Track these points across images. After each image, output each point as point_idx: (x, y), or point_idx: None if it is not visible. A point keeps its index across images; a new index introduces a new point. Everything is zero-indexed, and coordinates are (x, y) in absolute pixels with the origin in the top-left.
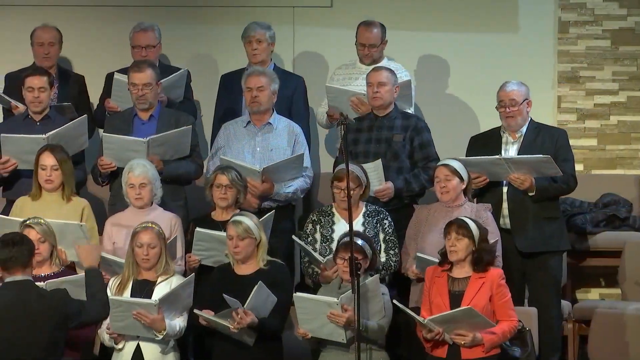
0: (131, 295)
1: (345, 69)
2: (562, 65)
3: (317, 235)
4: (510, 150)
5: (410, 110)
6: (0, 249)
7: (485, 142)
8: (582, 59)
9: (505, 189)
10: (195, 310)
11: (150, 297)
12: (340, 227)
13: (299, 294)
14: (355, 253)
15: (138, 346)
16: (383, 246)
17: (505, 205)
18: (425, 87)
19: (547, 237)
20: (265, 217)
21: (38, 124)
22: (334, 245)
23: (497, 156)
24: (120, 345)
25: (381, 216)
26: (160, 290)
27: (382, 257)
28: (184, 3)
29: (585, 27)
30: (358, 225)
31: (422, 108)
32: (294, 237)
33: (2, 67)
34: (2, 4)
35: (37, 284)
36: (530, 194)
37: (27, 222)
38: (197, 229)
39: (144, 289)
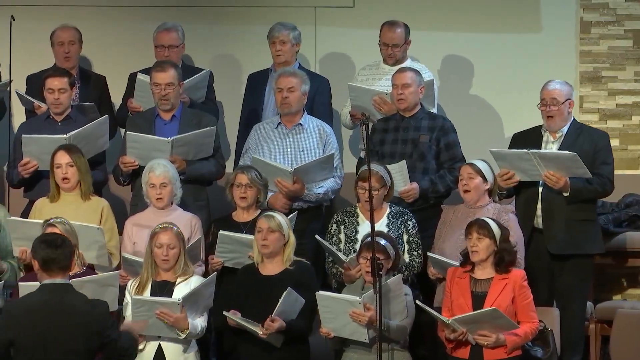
0: (151, 296)
1: (368, 69)
2: (584, 65)
3: (342, 236)
4: (550, 150)
5: (433, 111)
6: (44, 248)
7: (527, 140)
8: (604, 59)
9: (540, 189)
10: (225, 313)
11: (170, 298)
12: (365, 227)
13: (321, 292)
14: (377, 253)
15: (159, 346)
16: (407, 247)
17: (539, 205)
18: (448, 87)
19: (579, 240)
20: (289, 217)
21: (59, 124)
22: (358, 246)
23: (525, 150)
24: (141, 346)
25: (405, 217)
26: (180, 291)
27: (406, 258)
28: (205, 3)
29: (607, 27)
30: (382, 226)
31: (445, 108)
32: (317, 236)
33: (24, 69)
34: (23, 4)
35: None
36: (565, 194)
37: (50, 221)
38: (221, 231)
39: (163, 289)
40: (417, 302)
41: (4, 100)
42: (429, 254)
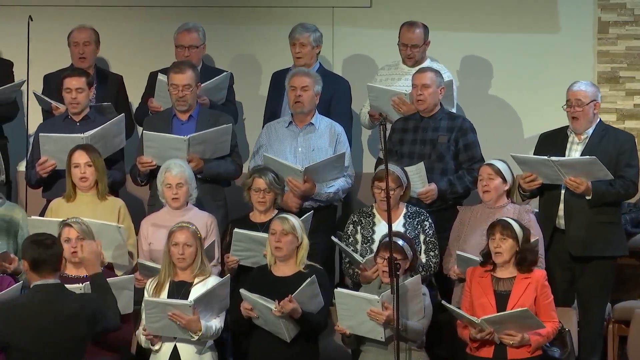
0: (168, 297)
1: (388, 69)
2: (601, 65)
3: (358, 236)
4: (575, 151)
5: (452, 111)
6: (34, 249)
7: (553, 141)
8: (621, 59)
9: (563, 191)
10: (241, 290)
11: (187, 298)
12: (381, 228)
13: (340, 289)
14: (395, 253)
15: (175, 347)
16: (423, 247)
17: (561, 206)
18: (466, 88)
19: (601, 242)
20: (304, 217)
21: (78, 124)
22: (374, 246)
23: (545, 157)
24: (157, 347)
25: (422, 217)
26: (197, 291)
27: (422, 258)
28: (223, 3)
29: (625, 28)
30: (399, 227)
31: (464, 108)
32: (333, 237)
33: (42, 69)
34: (40, 4)
35: (77, 285)
36: (587, 197)
37: (67, 221)
38: (236, 229)
39: (180, 290)
40: (443, 302)
41: (17, 99)
42: (457, 252)
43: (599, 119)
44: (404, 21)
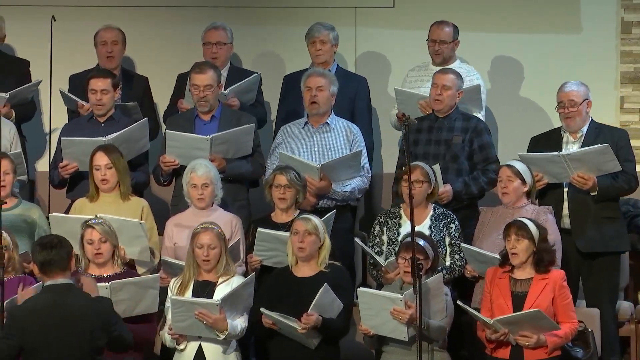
0: (192, 296)
1: (417, 70)
2: (624, 65)
3: (384, 237)
4: (571, 150)
5: (481, 114)
6: (39, 252)
7: (546, 143)
8: None
9: (566, 190)
10: (262, 310)
11: (211, 298)
12: (407, 229)
13: (363, 288)
14: (416, 254)
15: (200, 347)
16: (448, 250)
17: (565, 205)
18: (493, 88)
19: (607, 238)
20: (326, 216)
21: (102, 125)
22: None
23: (555, 152)
24: (182, 346)
25: (448, 220)
26: (221, 291)
27: (447, 261)
28: (246, 4)
29: None
30: (424, 228)
31: (493, 109)
32: (356, 239)
33: (65, 69)
34: (64, 4)
35: (101, 284)
36: (593, 193)
37: (88, 222)
38: (259, 229)
39: (205, 289)
40: (459, 302)
41: (36, 99)
42: (463, 245)
43: (590, 118)
44: (427, 21)
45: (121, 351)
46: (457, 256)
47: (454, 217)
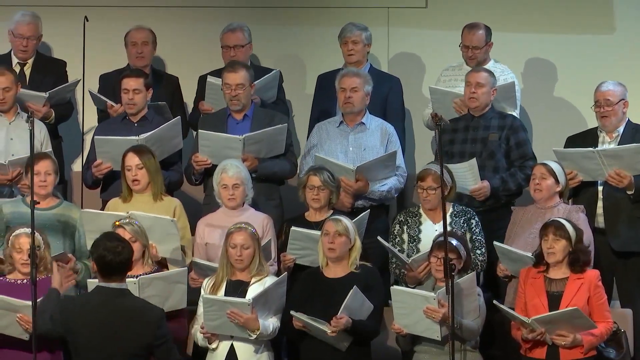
0: (225, 296)
1: (451, 70)
2: None
3: (405, 236)
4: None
5: (515, 112)
6: (105, 253)
7: (582, 142)
8: None
9: (600, 188)
10: (292, 312)
11: (244, 297)
12: (427, 227)
13: (396, 287)
14: (449, 253)
15: (232, 346)
16: (470, 246)
17: (600, 204)
18: (527, 88)
19: None
20: (360, 216)
21: (136, 124)
22: (421, 246)
23: (590, 148)
24: (214, 345)
25: (468, 216)
26: (253, 291)
27: None
28: (277, 4)
29: None
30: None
31: (527, 109)
32: (379, 238)
33: (97, 69)
34: (96, 5)
35: (129, 280)
36: (629, 192)
37: (120, 222)
38: (293, 228)
39: (237, 289)
40: (495, 302)
41: (71, 100)
42: (495, 243)
43: (627, 118)
44: (459, 21)
45: None
46: (478, 251)
47: (474, 212)
